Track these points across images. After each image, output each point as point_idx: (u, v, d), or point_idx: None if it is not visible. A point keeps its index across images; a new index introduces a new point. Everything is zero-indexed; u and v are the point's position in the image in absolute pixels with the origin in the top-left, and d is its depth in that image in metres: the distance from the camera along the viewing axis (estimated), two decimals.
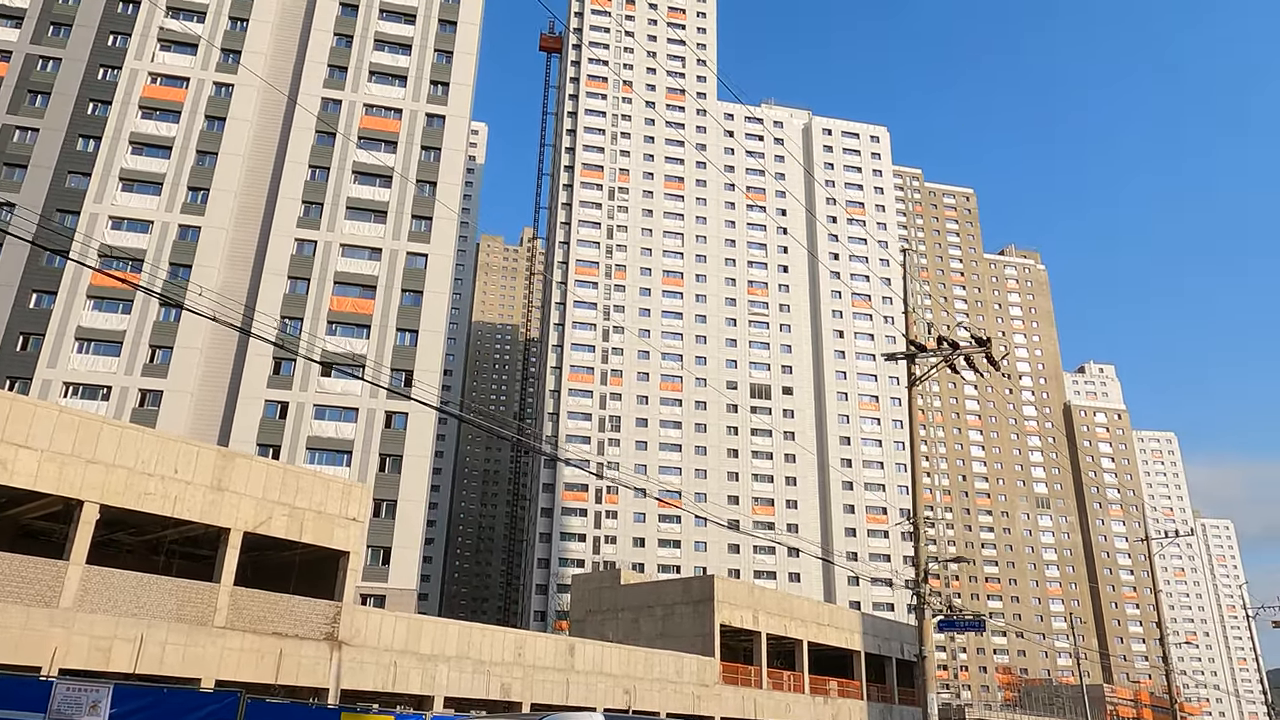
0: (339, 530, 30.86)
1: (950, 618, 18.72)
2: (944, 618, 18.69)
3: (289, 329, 56.34)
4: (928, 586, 18.22)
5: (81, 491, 25.18)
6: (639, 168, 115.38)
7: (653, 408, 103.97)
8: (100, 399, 52.17)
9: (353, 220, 59.78)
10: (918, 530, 18.57)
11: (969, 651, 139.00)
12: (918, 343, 19.54)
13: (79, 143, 57.98)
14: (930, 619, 18.06)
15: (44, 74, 58.93)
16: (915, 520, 18.66)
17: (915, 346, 19.58)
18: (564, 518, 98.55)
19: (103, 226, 56.05)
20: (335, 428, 54.43)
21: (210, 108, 60.45)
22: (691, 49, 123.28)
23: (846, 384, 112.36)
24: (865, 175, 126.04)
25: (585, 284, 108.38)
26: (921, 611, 18.10)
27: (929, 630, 18.01)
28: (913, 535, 18.69)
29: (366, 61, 64.12)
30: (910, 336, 19.72)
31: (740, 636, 51.41)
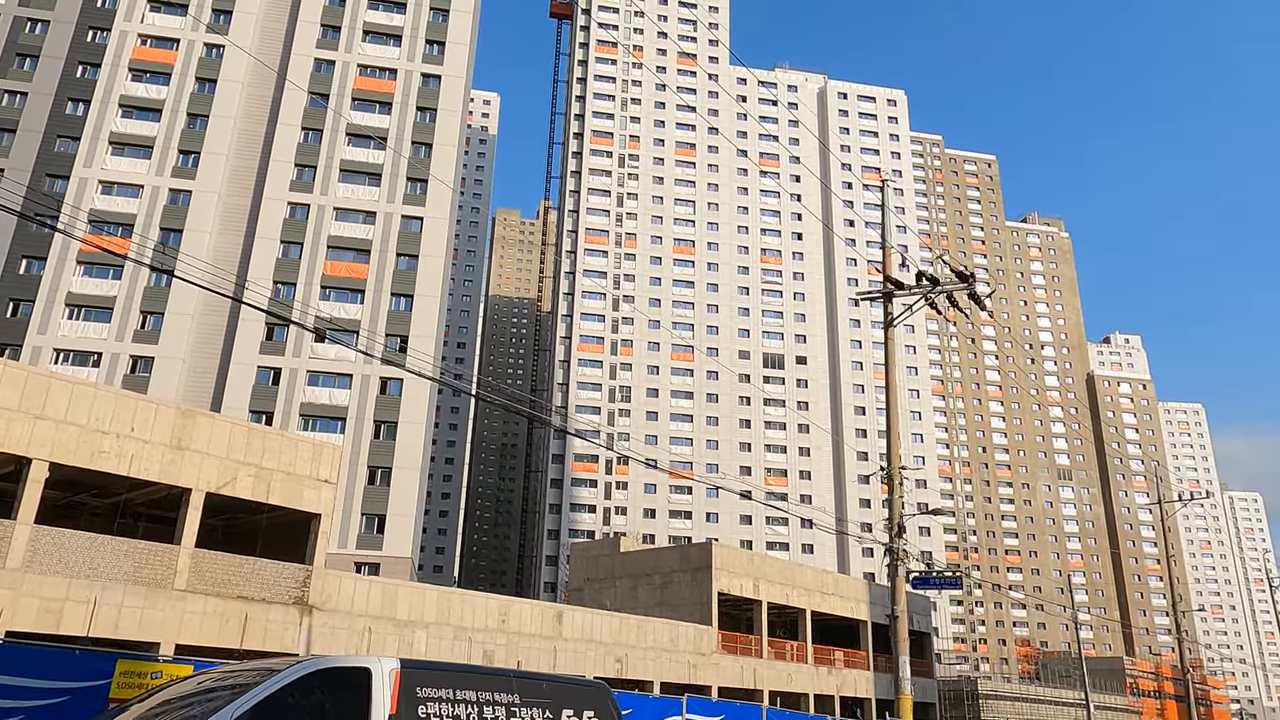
0: (309, 492, 29.79)
1: (926, 574, 17.27)
2: (919, 575, 17.24)
3: (282, 294, 55.35)
4: (902, 541, 16.75)
5: (29, 449, 24.16)
6: (649, 135, 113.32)
7: (663, 378, 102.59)
8: (91, 365, 51.49)
9: (346, 183, 58.55)
10: (892, 482, 17.13)
11: (988, 624, 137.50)
12: (895, 279, 17.94)
13: (68, 106, 57.03)
14: (903, 577, 16.60)
15: (32, 36, 57.92)
16: (890, 471, 17.21)
17: (892, 284, 18.01)
18: (574, 489, 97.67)
19: (92, 191, 55.16)
20: (329, 394, 53.51)
21: (201, 69, 59.25)
22: (703, 12, 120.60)
23: (861, 353, 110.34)
24: (882, 140, 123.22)
25: (595, 253, 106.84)
26: (894, 569, 16.71)
27: (901, 588, 16.60)
28: (886, 487, 17.22)
29: (360, 20, 62.60)
30: (887, 273, 18.13)
31: (742, 605, 50.24)
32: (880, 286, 18.44)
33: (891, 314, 18.35)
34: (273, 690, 5.87)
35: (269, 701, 5.84)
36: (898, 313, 18.13)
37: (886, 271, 18.35)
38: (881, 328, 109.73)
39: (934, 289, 17.92)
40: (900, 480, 17.16)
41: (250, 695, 5.78)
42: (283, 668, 6.26)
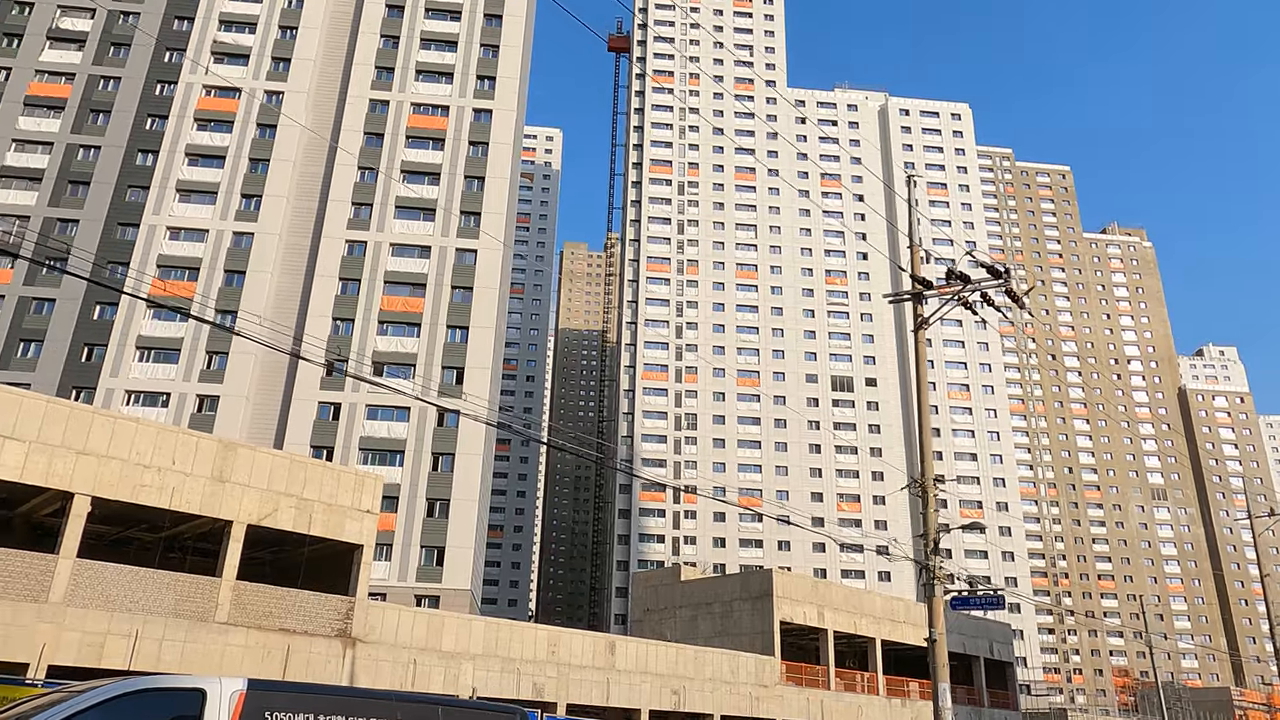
0: (350, 523, 29.64)
1: (965, 594, 15.96)
2: (958, 594, 15.95)
3: (341, 330, 56.21)
4: (938, 559, 15.52)
5: (72, 484, 24.50)
6: (708, 160, 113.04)
7: (729, 404, 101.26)
8: (160, 405, 52.90)
9: (402, 219, 59.40)
10: (925, 495, 15.94)
11: (1083, 654, 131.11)
12: (923, 279, 16.84)
13: (138, 157, 59.28)
14: (940, 597, 15.37)
15: (105, 93, 60.52)
16: (924, 483, 16.03)
17: (921, 284, 16.90)
18: (642, 519, 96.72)
19: (161, 237, 57.05)
20: (387, 427, 53.91)
21: (262, 116, 61.05)
22: (759, 37, 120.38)
23: (934, 373, 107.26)
24: (947, 156, 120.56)
25: (657, 281, 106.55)
26: (931, 588, 15.47)
27: (939, 609, 15.36)
28: (922, 502, 16.04)
29: (413, 61, 63.85)
30: (915, 273, 17.05)
31: (809, 635, 48.53)
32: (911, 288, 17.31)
33: (922, 315, 17.21)
34: (70, 713, 5.25)
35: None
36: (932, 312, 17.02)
37: (914, 271, 17.24)
38: (953, 345, 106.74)
39: (965, 287, 16.75)
40: (934, 494, 15.95)
41: (42, 718, 5.18)
42: (100, 686, 5.65)
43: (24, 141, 58.72)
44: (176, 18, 63.66)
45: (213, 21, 63.43)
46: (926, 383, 16.96)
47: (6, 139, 58.56)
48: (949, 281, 16.92)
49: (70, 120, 59.45)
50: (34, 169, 57.97)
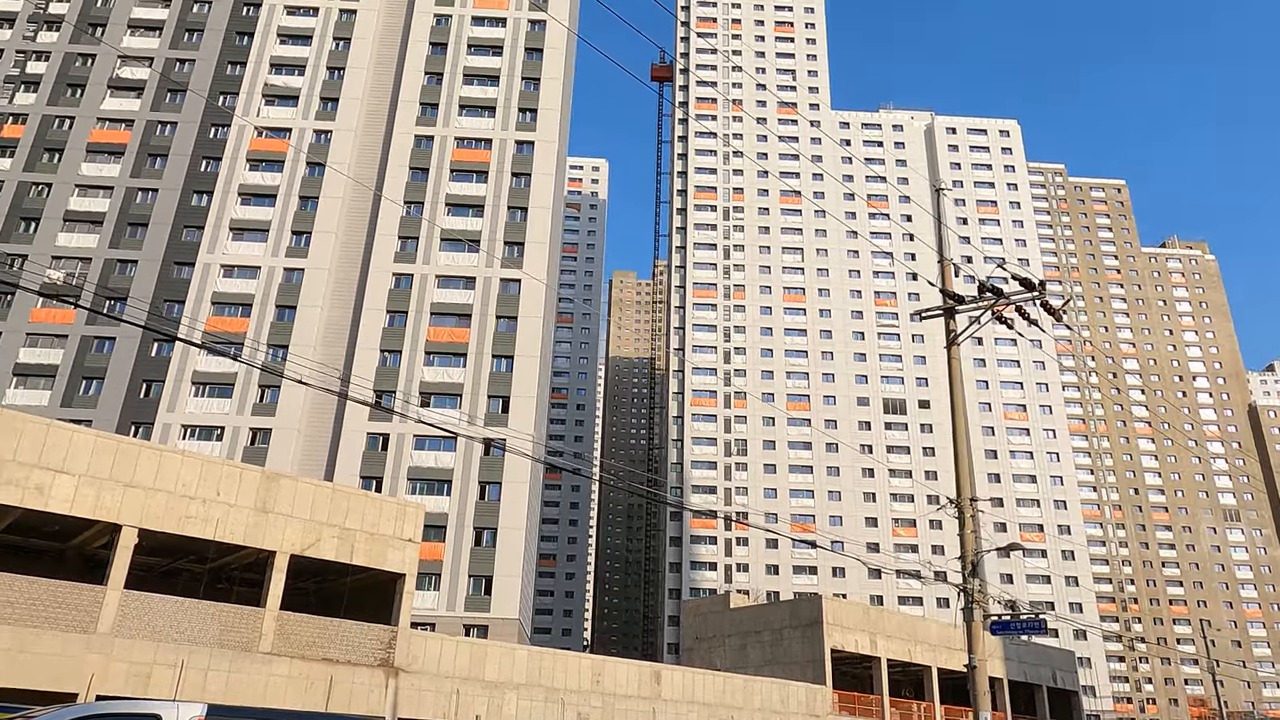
0: (392, 552, 29.77)
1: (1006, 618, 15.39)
2: (997, 619, 15.38)
3: (388, 361, 56.97)
4: (976, 582, 15.00)
5: (120, 516, 25.01)
6: (753, 185, 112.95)
7: (779, 429, 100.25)
8: (215, 439, 54.04)
9: (447, 252, 60.22)
10: (962, 516, 15.45)
11: (1156, 682, 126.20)
12: (955, 294, 16.45)
13: (193, 198, 61.09)
14: (980, 621, 14.82)
15: (162, 138, 62.61)
16: (960, 504, 15.53)
17: (952, 299, 16.51)
18: (694, 546, 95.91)
19: (215, 275, 58.58)
20: (435, 457, 54.32)
21: (311, 155, 62.56)
22: (801, 61, 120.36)
23: (989, 394, 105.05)
24: (996, 173, 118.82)
25: (704, 307, 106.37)
26: (970, 612, 14.93)
27: (978, 634, 14.80)
28: (959, 523, 15.56)
29: (456, 96, 65.01)
30: (947, 288, 16.67)
31: (861, 663, 47.43)
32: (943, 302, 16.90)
33: (955, 331, 16.79)
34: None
35: None
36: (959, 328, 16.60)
37: (945, 286, 16.85)
38: (1008, 364, 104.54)
39: (998, 301, 16.31)
40: (972, 514, 15.44)
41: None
42: (59, 710, 5.62)
43: (86, 186, 60.94)
44: (230, 63, 65.75)
45: (264, 65, 65.37)
46: (961, 400, 16.50)
47: (70, 185, 60.82)
48: (981, 296, 16.49)
49: (129, 165, 61.57)
50: (95, 212, 60.08)
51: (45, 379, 55.18)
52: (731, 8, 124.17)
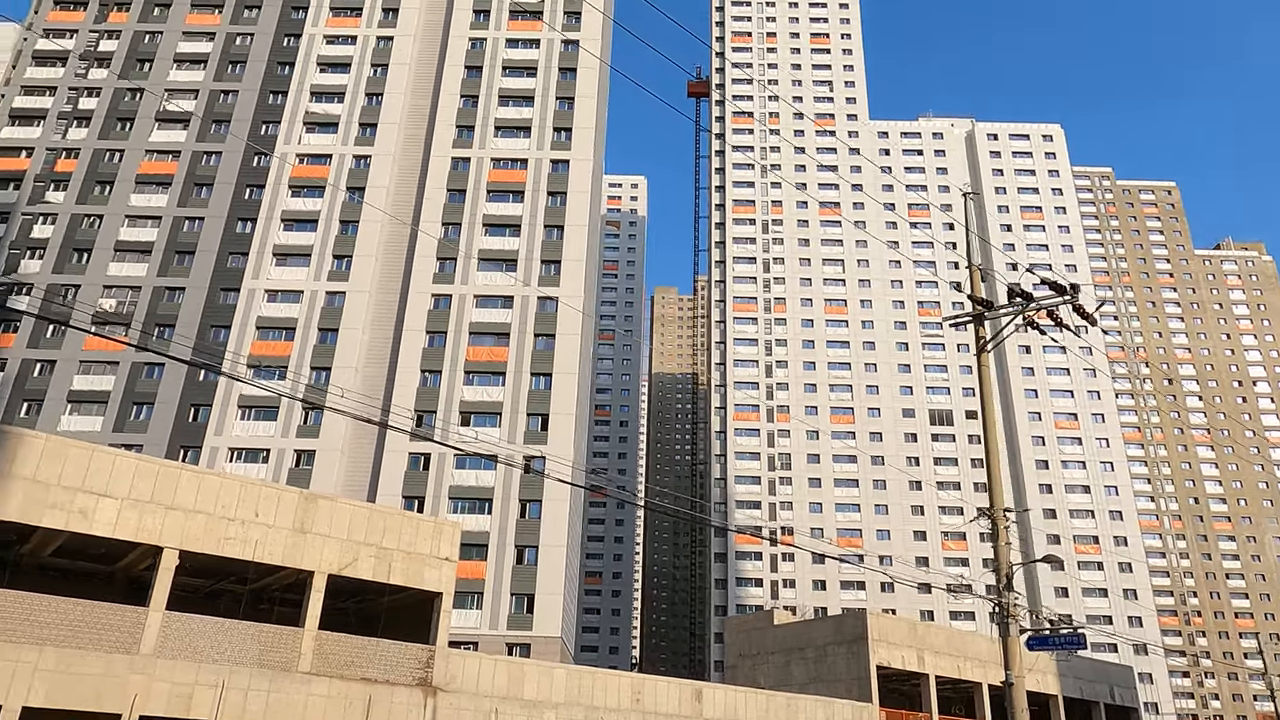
0: (430, 571, 29.85)
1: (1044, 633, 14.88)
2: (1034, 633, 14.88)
3: (429, 382, 57.47)
4: (1011, 595, 14.57)
5: (161, 538, 25.40)
6: (792, 198, 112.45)
7: (824, 443, 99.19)
8: (260, 461, 54.91)
9: (485, 271, 60.71)
10: (995, 527, 15.04)
11: (1223, 699, 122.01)
12: (984, 300, 16.08)
13: (238, 225, 62.43)
14: (1017, 636, 14.38)
15: (207, 167, 64.13)
16: (993, 515, 15.12)
17: (981, 305, 16.13)
18: (739, 563, 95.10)
19: (259, 300, 59.69)
20: (475, 476, 54.58)
21: (351, 179, 63.62)
22: (838, 72, 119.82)
23: (1038, 402, 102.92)
24: (1041, 179, 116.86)
25: (744, 320, 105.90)
26: (1005, 627, 14.49)
27: (1015, 650, 14.35)
28: (992, 534, 15.15)
29: (492, 118, 65.72)
30: (976, 295, 16.30)
31: (909, 680, 46.46)
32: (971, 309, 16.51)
33: (984, 337, 16.40)
34: None
35: None
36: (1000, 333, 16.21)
37: (974, 292, 16.48)
38: (1057, 373, 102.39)
39: (1027, 306, 15.89)
40: (1005, 525, 15.01)
41: None
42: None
43: (135, 217, 62.59)
44: (272, 93, 67.22)
45: (304, 94, 66.72)
46: (992, 407, 16.09)
47: (120, 216, 62.51)
48: (1011, 301, 16.08)
49: (176, 195, 63.13)
50: (144, 242, 61.64)
51: (98, 405, 56.57)
52: (767, 21, 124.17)
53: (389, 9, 70.24)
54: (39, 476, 24.37)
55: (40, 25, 69.88)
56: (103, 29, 69.42)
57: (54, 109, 66.16)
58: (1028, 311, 15.73)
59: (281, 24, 69.90)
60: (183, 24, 69.74)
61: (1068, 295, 15.53)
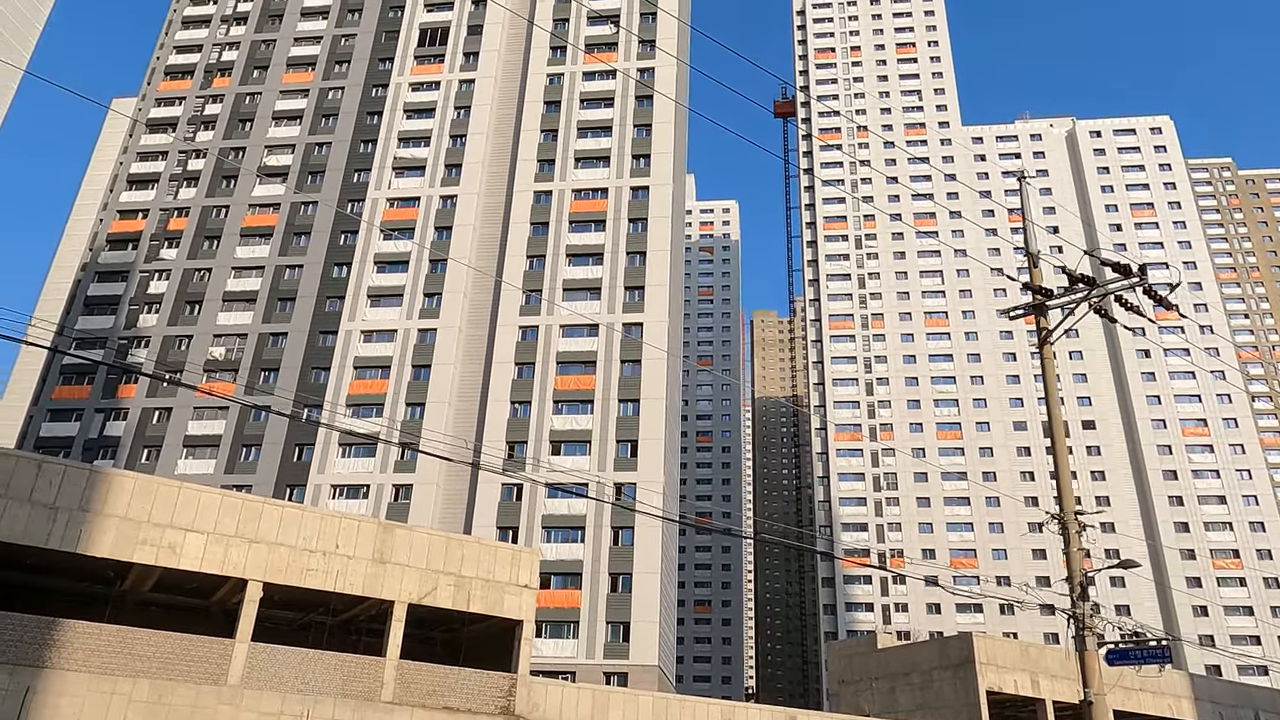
0: (509, 598, 29.79)
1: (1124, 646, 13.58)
2: (1114, 646, 13.59)
3: (519, 413, 58.11)
4: (1088, 605, 13.42)
5: (245, 570, 26.12)
6: (885, 210, 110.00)
7: (931, 460, 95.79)
8: (361, 497, 56.42)
9: (570, 301, 61.24)
10: (1066, 532, 13.93)
11: None
12: (1044, 289, 15.04)
13: (334, 270, 64.84)
14: (1095, 650, 13.21)
15: (305, 217, 66.99)
16: (1064, 518, 14.01)
17: (1041, 294, 15.09)
18: (848, 587, 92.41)
19: (356, 341, 61.69)
20: (567, 504, 54.69)
21: (438, 219, 65.38)
22: (926, 80, 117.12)
23: (1162, 409, 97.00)
24: (1151, 174, 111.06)
25: (841, 338, 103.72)
26: (1082, 640, 13.33)
27: (1094, 665, 13.16)
28: (1064, 540, 14.02)
29: (571, 150, 66.62)
30: (1036, 283, 15.27)
31: (1025, 706, 43.79)
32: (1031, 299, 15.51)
33: (1047, 328, 15.31)
34: None
35: None
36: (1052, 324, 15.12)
37: (1034, 282, 15.44)
38: (1181, 376, 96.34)
39: (1092, 291, 14.77)
40: (1079, 529, 13.86)
41: None
42: None
43: (241, 268, 65.77)
44: (362, 142, 69.91)
45: (393, 140, 69.14)
46: (1057, 404, 14.94)
47: (227, 268, 65.79)
48: (1073, 288, 14.96)
49: (277, 245, 66.10)
50: (249, 291, 64.66)
51: (210, 448, 59.30)
52: (850, 35, 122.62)
53: (469, 53, 72.31)
54: (130, 514, 25.43)
55: (153, 96, 74.69)
56: (208, 94, 73.69)
57: (166, 172, 70.40)
58: (1092, 298, 14.56)
59: (370, 76, 72.79)
60: (280, 84, 73.40)
61: (1136, 278, 14.31)
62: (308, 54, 74.35)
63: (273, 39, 75.47)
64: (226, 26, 76.92)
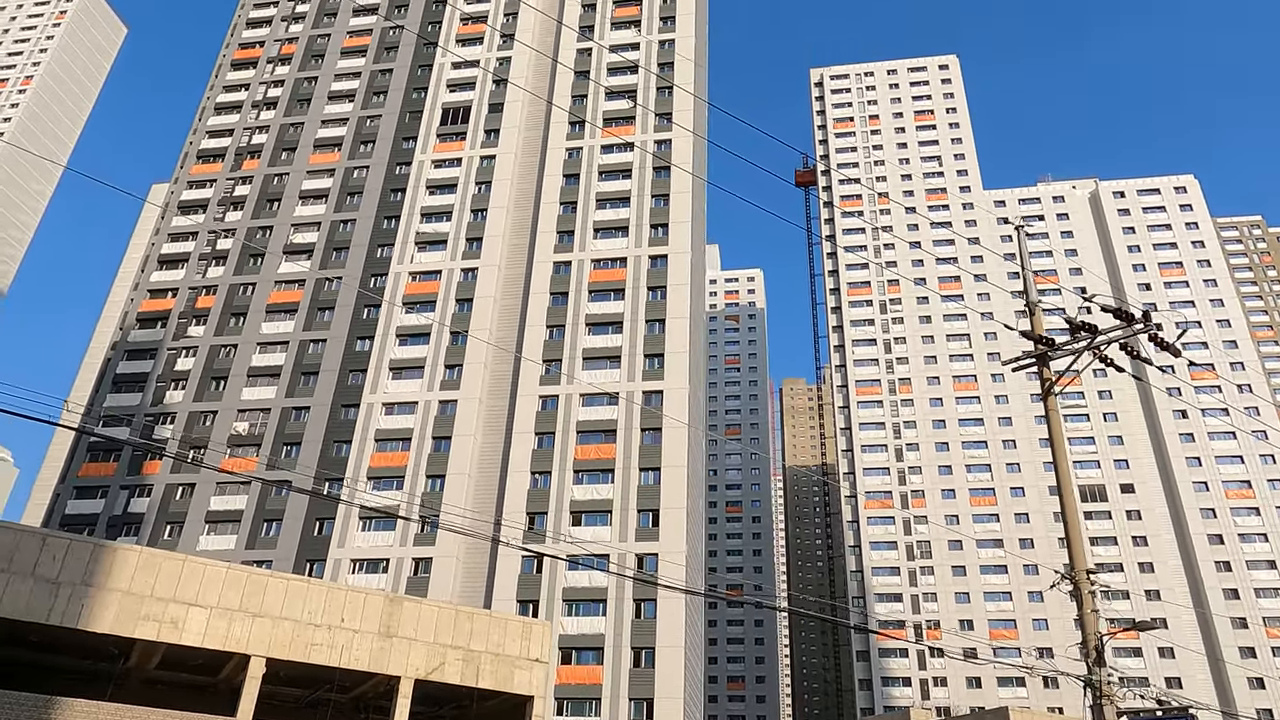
0: (520, 673, 28.96)
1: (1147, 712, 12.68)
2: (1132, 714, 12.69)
3: (539, 483, 57.57)
4: (1104, 671, 12.62)
5: (248, 646, 25.61)
6: (909, 275, 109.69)
7: (965, 526, 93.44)
8: (380, 571, 55.81)
9: (589, 370, 61.14)
10: (1079, 592, 13.20)
11: None
12: (1046, 338, 14.56)
13: (357, 344, 65.39)
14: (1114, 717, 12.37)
15: (329, 293, 67.95)
16: (1075, 578, 13.29)
17: (1043, 344, 14.61)
18: (883, 660, 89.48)
19: (378, 413, 61.82)
20: (588, 577, 53.68)
21: (460, 292, 65.98)
22: (945, 146, 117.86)
23: (1203, 471, 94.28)
24: (1178, 233, 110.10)
25: (869, 404, 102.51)
26: (1098, 708, 12.49)
27: None
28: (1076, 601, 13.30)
29: (590, 221, 67.34)
30: (1037, 332, 14.80)
31: None
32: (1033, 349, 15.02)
33: (1050, 379, 14.77)
34: None
35: None
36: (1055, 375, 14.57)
37: (1035, 331, 14.96)
38: (1221, 437, 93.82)
39: (1095, 338, 14.26)
40: (1092, 591, 13.12)
41: None
42: None
43: (266, 344, 66.55)
44: (386, 218, 71.20)
45: (415, 216, 70.33)
46: (1066, 455, 14.31)
47: (252, 344, 66.62)
48: (1075, 337, 14.46)
49: (302, 320, 66.93)
50: (274, 366, 65.29)
51: (232, 524, 59.20)
52: (867, 104, 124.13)
53: (490, 130, 73.87)
54: (133, 589, 25.13)
55: (185, 178, 76.88)
56: (237, 175, 75.70)
57: (195, 251, 71.98)
58: (1095, 345, 14.04)
59: (394, 154, 74.48)
60: (307, 164, 75.28)
61: (1141, 325, 13.80)
62: (334, 135, 76.37)
63: (301, 122, 77.70)
64: (257, 111, 79.39)
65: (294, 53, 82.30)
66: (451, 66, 77.34)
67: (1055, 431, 14.29)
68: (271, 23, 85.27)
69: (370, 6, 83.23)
